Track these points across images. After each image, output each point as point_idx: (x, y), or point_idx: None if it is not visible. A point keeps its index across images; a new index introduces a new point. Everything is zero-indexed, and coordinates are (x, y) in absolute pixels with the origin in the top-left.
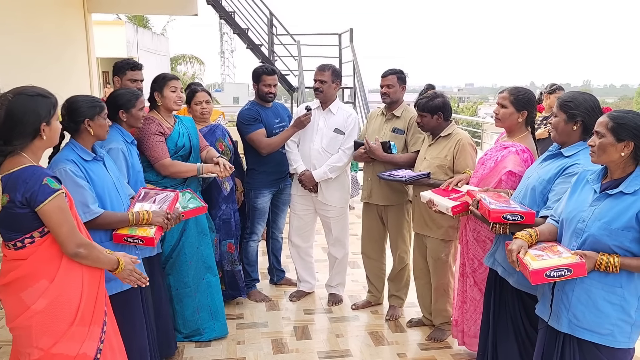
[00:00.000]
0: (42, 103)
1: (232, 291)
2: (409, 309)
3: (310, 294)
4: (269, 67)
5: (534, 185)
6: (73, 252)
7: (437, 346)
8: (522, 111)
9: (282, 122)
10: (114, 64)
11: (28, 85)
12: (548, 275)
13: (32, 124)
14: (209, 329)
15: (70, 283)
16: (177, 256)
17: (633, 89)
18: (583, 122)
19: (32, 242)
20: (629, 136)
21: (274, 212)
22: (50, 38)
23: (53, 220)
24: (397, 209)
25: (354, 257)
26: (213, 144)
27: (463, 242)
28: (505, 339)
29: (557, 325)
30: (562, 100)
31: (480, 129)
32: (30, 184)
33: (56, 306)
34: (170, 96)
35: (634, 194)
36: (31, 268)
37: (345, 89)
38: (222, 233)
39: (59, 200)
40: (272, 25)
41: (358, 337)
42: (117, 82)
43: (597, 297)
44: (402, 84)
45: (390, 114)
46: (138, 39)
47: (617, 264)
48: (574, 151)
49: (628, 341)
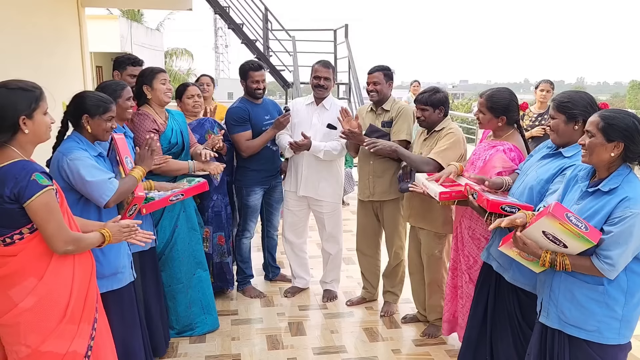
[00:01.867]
0: (21, 96)
1: (220, 283)
2: (404, 305)
3: (305, 290)
4: (256, 63)
5: (532, 184)
6: (62, 250)
7: (431, 342)
8: (501, 117)
9: (272, 118)
10: (114, 58)
11: (14, 79)
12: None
13: (10, 118)
14: (201, 323)
15: (59, 281)
16: (170, 252)
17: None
18: (584, 121)
19: (22, 239)
20: (619, 137)
21: (267, 211)
22: (43, 33)
23: (39, 216)
24: (393, 204)
25: (349, 254)
26: (202, 136)
27: (458, 238)
28: (503, 334)
29: (548, 321)
30: (559, 101)
31: (475, 126)
32: (18, 179)
33: (44, 304)
34: (161, 88)
35: (610, 193)
36: (20, 265)
37: (340, 85)
38: (214, 225)
39: (47, 197)
40: (267, 21)
41: (353, 333)
42: (117, 77)
43: (580, 295)
44: (389, 80)
45: (380, 109)
46: (132, 34)
47: (568, 265)
48: (574, 151)
49: (618, 337)
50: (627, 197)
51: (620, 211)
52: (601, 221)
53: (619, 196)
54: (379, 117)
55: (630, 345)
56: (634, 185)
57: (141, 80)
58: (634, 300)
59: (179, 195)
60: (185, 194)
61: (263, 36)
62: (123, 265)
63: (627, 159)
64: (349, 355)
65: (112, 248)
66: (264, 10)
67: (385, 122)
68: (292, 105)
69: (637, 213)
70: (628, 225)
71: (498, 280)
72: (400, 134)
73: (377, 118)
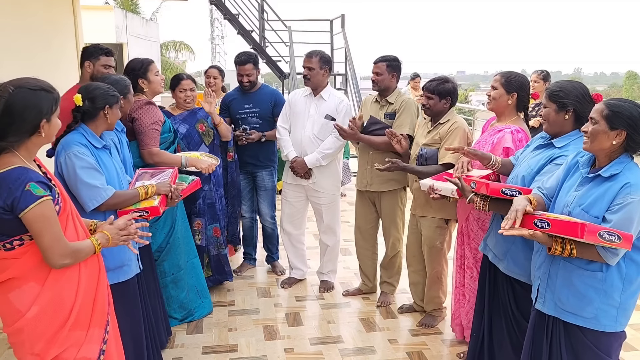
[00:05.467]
0: (44, 98)
1: (219, 276)
2: (400, 295)
3: (302, 280)
4: (243, 56)
5: (523, 174)
6: (58, 264)
7: (428, 332)
8: (512, 93)
9: (256, 108)
10: (84, 48)
11: (30, 78)
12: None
13: (32, 120)
14: (199, 308)
15: (64, 286)
16: (173, 242)
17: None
18: (575, 111)
19: (22, 244)
20: (622, 125)
21: (257, 196)
22: (38, 24)
23: (34, 228)
24: (392, 195)
25: (346, 245)
26: (193, 126)
27: (464, 232)
28: (498, 323)
29: (544, 308)
30: (551, 90)
31: (472, 116)
32: (12, 189)
33: (48, 311)
34: (156, 80)
35: (610, 179)
36: (20, 270)
37: (337, 76)
38: (207, 217)
39: (42, 208)
40: (263, 11)
41: (349, 324)
42: (89, 67)
43: (579, 282)
44: (393, 71)
45: (384, 101)
46: (127, 25)
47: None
48: (566, 142)
49: (615, 324)
50: (628, 182)
51: (622, 197)
52: (604, 208)
53: (620, 182)
54: (383, 108)
55: (625, 334)
56: (635, 172)
57: (135, 74)
58: (632, 287)
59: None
60: (182, 194)
61: (259, 27)
62: (129, 258)
63: (629, 148)
64: (346, 345)
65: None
66: (260, 0)
67: (388, 114)
68: (291, 96)
69: (638, 199)
70: (628, 211)
71: (494, 272)
72: (402, 128)
73: (380, 109)
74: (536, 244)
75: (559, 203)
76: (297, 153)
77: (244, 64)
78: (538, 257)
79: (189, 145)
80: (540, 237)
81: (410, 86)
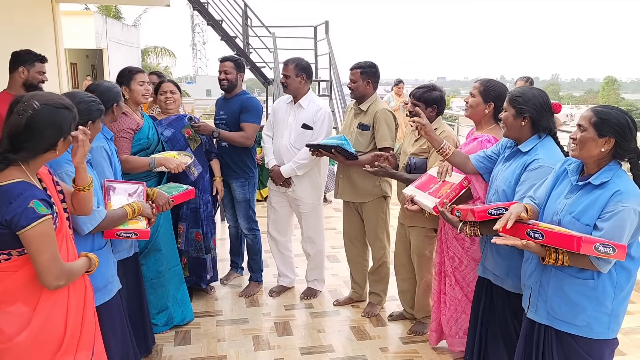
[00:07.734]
0: (66, 117)
1: (195, 277)
2: (390, 303)
3: (290, 288)
4: (225, 56)
5: (503, 188)
6: (53, 285)
7: (418, 339)
8: (489, 103)
9: (228, 115)
10: (14, 53)
11: (54, 94)
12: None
13: (52, 138)
14: (178, 315)
15: (53, 310)
16: (152, 247)
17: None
18: (531, 118)
19: (8, 259)
20: (610, 132)
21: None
22: (18, 29)
23: (33, 247)
24: (373, 205)
25: (334, 252)
26: (179, 130)
27: (442, 240)
28: (495, 345)
29: (537, 317)
30: (512, 94)
31: (454, 122)
32: (14, 205)
33: (39, 338)
34: (139, 89)
35: (601, 187)
36: (5, 287)
37: (321, 82)
38: (190, 221)
39: (43, 227)
40: (246, 17)
41: (340, 332)
42: (23, 73)
43: (571, 291)
44: (367, 78)
45: (358, 109)
46: (107, 30)
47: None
48: (531, 146)
49: (607, 332)
50: (618, 190)
51: (612, 205)
52: (595, 216)
53: (611, 190)
54: (357, 117)
55: (617, 341)
56: (625, 180)
57: (119, 81)
58: (622, 293)
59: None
60: (175, 201)
61: (243, 32)
62: (112, 275)
63: (617, 155)
64: (337, 354)
65: (103, 258)
66: (243, 6)
67: (362, 124)
68: (275, 103)
69: (629, 207)
70: (620, 219)
71: (490, 293)
72: (383, 141)
73: (354, 118)
74: (526, 253)
75: (548, 210)
76: (277, 162)
77: (224, 61)
78: (528, 265)
79: (173, 148)
80: (534, 248)
81: (394, 92)
